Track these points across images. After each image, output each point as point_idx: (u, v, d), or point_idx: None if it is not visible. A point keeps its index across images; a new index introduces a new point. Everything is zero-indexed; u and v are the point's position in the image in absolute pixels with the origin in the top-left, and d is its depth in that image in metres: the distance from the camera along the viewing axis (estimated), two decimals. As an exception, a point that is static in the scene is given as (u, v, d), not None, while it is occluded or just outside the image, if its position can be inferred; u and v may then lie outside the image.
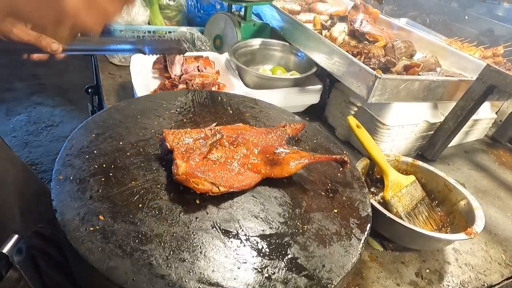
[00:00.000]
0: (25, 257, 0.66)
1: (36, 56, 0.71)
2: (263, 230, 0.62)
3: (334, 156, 0.77)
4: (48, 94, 3.35)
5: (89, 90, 1.68)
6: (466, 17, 2.23)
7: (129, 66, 1.18)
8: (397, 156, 1.02)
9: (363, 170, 0.97)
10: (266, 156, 0.72)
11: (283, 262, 0.57)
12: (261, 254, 0.58)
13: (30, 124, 3.01)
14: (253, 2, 1.38)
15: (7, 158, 0.83)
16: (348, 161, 0.76)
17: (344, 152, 0.90)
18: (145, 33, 1.49)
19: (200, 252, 0.56)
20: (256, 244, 0.59)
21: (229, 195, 0.67)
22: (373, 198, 0.96)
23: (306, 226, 0.65)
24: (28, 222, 0.81)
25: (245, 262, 0.56)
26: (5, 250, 0.61)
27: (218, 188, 0.64)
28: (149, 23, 1.53)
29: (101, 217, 0.57)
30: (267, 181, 0.72)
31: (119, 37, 0.71)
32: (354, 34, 1.48)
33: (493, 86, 1.06)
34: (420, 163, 1.01)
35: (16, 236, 0.64)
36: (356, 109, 1.19)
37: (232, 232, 0.61)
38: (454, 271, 0.85)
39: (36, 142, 2.84)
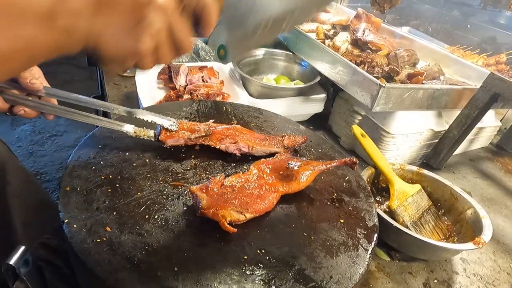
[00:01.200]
0: (32, 269, 0.66)
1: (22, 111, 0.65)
2: (269, 241, 0.62)
3: (343, 160, 0.77)
4: (53, 104, 3.37)
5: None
6: (468, 26, 2.24)
7: (134, 76, 1.19)
8: (402, 165, 1.02)
9: (368, 179, 0.97)
10: (279, 173, 0.72)
11: (290, 274, 0.57)
12: (268, 265, 0.57)
13: (34, 134, 3.02)
14: (257, 12, 1.39)
15: (13, 168, 0.84)
16: (357, 162, 0.77)
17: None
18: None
19: (207, 264, 0.55)
20: (262, 255, 0.59)
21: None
22: (379, 207, 0.96)
23: (312, 237, 0.65)
24: (34, 232, 0.81)
25: (252, 274, 0.55)
26: (12, 261, 0.62)
27: (245, 216, 0.62)
28: (153, 34, 1.55)
29: (108, 229, 0.57)
30: (273, 191, 0.71)
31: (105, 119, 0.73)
32: (357, 43, 1.49)
33: (497, 94, 1.06)
34: (425, 171, 1.01)
35: (22, 248, 0.64)
36: (360, 118, 1.19)
37: (238, 242, 0.60)
38: (463, 281, 0.84)
39: (40, 152, 2.85)
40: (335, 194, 0.77)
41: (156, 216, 0.62)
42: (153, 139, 0.76)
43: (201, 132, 0.78)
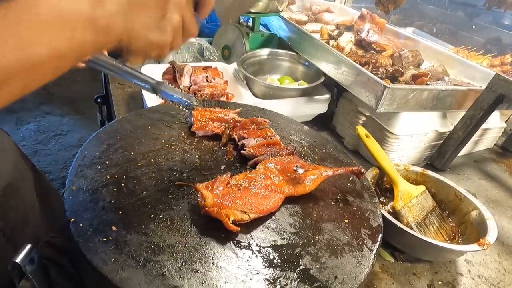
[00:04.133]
0: (37, 267, 0.66)
1: None
2: (274, 241, 0.62)
3: (351, 168, 0.77)
4: (57, 104, 3.39)
5: (98, 100, 1.70)
6: (473, 26, 2.24)
7: (139, 76, 1.19)
8: (407, 166, 1.01)
9: (372, 180, 0.97)
10: (287, 175, 0.72)
11: (295, 273, 0.57)
12: (273, 265, 0.57)
13: (39, 133, 3.04)
14: (261, 13, 1.39)
15: (20, 162, 0.84)
16: (364, 172, 0.78)
17: (354, 162, 0.90)
18: (154, 44, 1.52)
19: (212, 263, 0.56)
20: (268, 255, 0.59)
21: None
22: (383, 208, 0.96)
23: (317, 237, 0.65)
24: (40, 230, 0.82)
25: (257, 273, 0.56)
26: (18, 259, 0.62)
27: (249, 216, 0.62)
28: (158, 34, 1.55)
29: (113, 228, 0.57)
30: (278, 191, 0.71)
31: (141, 74, 0.75)
32: (361, 43, 1.49)
33: (502, 95, 1.05)
34: (429, 172, 1.01)
35: (29, 246, 0.64)
36: (364, 118, 1.19)
37: (243, 242, 0.60)
38: (467, 283, 0.84)
39: (44, 151, 2.87)
40: (340, 195, 0.77)
41: (161, 216, 0.62)
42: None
43: (226, 130, 0.88)
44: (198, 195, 0.63)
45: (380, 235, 0.69)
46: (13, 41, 0.37)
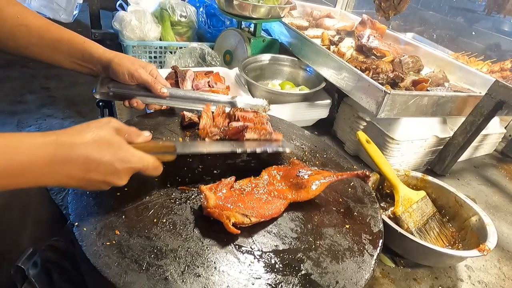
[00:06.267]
0: (40, 271, 0.66)
1: (135, 103, 0.88)
2: (276, 246, 0.62)
3: (356, 172, 0.78)
4: (58, 107, 3.40)
5: (100, 104, 1.70)
6: (473, 32, 2.25)
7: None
8: (407, 171, 1.02)
9: (373, 185, 0.97)
10: (290, 181, 0.73)
11: (296, 278, 0.57)
12: (275, 270, 0.58)
13: (40, 136, 3.04)
14: (263, 19, 1.40)
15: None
16: (370, 176, 0.78)
17: (354, 167, 0.90)
18: (156, 48, 1.53)
19: (215, 268, 0.56)
20: (269, 260, 0.59)
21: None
22: (383, 213, 0.96)
23: (318, 242, 0.65)
24: (41, 234, 0.82)
25: (259, 278, 0.56)
26: (21, 263, 0.63)
27: (250, 219, 0.63)
28: (160, 39, 1.57)
29: (117, 232, 0.58)
30: (279, 196, 0.72)
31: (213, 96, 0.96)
32: (362, 49, 1.50)
33: (502, 101, 1.06)
34: (430, 178, 1.01)
35: (31, 250, 0.65)
36: (365, 124, 1.20)
37: (245, 247, 0.61)
38: (467, 289, 0.84)
39: (45, 154, 2.87)
40: (341, 200, 0.78)
41: (164, 220, 0.62)
42: None
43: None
44: (202, 196, 0.64)
45: (381, 240, 0.69)
46: None
